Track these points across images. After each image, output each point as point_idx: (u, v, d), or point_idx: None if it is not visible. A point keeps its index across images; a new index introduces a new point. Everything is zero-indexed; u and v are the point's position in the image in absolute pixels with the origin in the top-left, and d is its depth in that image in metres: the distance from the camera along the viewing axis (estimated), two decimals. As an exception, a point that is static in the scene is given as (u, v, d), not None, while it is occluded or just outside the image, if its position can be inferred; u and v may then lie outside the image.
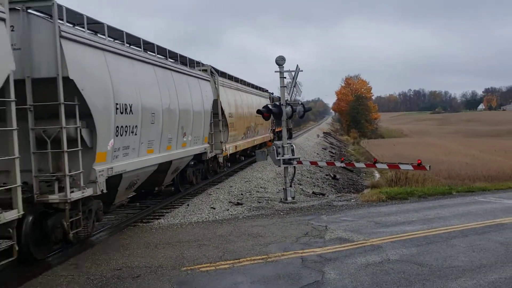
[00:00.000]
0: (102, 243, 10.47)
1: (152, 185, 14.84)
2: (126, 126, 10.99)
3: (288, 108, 15.57)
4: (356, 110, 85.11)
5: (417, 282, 7.25)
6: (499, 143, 54.06)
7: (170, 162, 14.07)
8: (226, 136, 21.15)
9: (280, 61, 15.50)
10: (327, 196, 19.17)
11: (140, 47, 12.76)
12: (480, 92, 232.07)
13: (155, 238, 10.70)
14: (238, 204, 14.97)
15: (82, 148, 9.35)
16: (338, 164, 16.91)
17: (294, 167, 15.75)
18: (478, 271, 7.70)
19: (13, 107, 7.72)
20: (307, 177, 25.54)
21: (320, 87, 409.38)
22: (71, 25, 10.25)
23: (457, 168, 28.88)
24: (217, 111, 20.01)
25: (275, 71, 15.72)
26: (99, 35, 10.91)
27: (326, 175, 28.75)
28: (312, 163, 17.96)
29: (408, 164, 14.54)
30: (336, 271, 7.88)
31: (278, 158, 15.27)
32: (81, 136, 9.43)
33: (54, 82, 8.75)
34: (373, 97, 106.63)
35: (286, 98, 15.62)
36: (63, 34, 8.88)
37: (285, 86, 15.72)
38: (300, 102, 17.11)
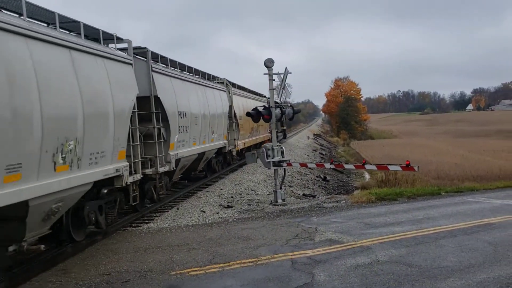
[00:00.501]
0: (91, 248, 10.37)
1: (191, 170, 19.47)
2: (183, 126, 15.77)
3: (278, 110, 15.56)
4: (345, 111, 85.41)
5: (406, 283, 7.27)
6: (488, 143, 54.56)
7: (204, 153, 18.70)
8: (237, 134, 25.75)
9: (268, 63, 15.49)
10: (317, 197, 19.20)
11: (185, 70, 17.63)
12: (468, 92, 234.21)
13: (144, 242, 10.65)
14: (228, 207, 14.94)
15: (162, 140, 13.95)
16: (327, 165, 16.92)
17: (284, 169, 15.74)
18: (467, 271, 7.74)
19: (136, 114, 12.18)
20: (298, 179, 25.59)
21: (310, 89, 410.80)
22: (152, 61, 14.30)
23: (446, 169, 29.09)
24: (231, 114, 24.52)
25: (264, 74, 15.73)
26: (159, 63, 14.89)
27: (317, 176, 28.82)
28: (302, 165, 17.94)
29: (396, 165, 14.58)
30: (326, 273, 7.89)
31: (268, 160, 15.27)
32: (162, 133, 13.99)
33: (148, 99, 13.28)
34: (363, 99, 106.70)
35: (275, 100, 15.63)
36: (153, 69, 13.74)
37: (274, 89, 15.72)
38: (289, 104, 17.14)
